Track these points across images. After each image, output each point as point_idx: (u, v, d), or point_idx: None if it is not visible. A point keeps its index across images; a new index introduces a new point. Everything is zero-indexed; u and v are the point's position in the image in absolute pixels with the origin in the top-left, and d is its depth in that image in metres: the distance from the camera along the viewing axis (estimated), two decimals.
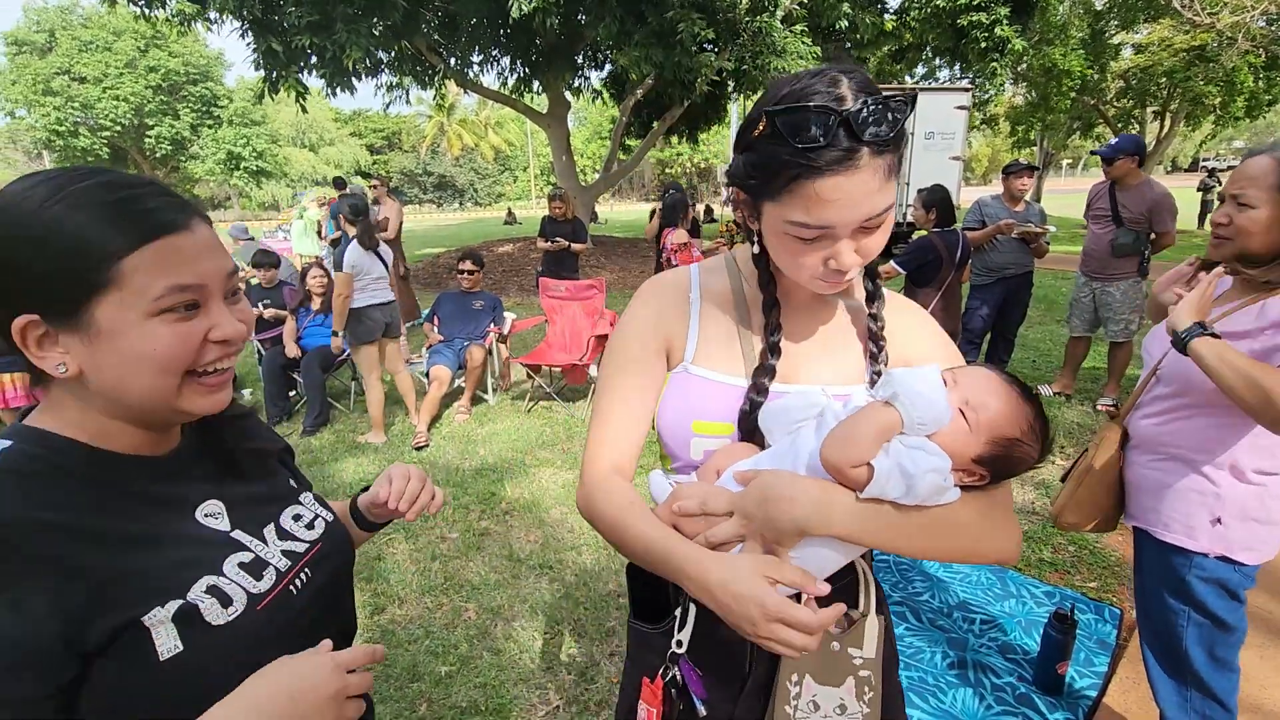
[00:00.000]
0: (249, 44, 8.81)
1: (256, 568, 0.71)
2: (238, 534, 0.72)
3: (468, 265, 4.99)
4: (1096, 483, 1.61)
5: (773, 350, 0.90)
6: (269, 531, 0.76)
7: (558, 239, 6.74)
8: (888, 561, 2.92)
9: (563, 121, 13.08)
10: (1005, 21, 12.47)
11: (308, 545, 0.78)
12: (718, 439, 0.90)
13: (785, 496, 0.77)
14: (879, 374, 0.90)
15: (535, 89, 12.83)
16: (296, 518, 0.80)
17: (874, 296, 0.94)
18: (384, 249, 4.60)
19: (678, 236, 6.04)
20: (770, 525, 0.78)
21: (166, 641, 0.61)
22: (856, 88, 0.74)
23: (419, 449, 4.37)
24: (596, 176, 16.26)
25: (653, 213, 7.32)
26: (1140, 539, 1.59)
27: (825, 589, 0.77)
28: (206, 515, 0.71)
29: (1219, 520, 1.43)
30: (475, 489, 3.76)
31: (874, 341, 0.92)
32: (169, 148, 32.95)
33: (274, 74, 9.10)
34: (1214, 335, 1.32)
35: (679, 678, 0.90)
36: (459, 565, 3.00)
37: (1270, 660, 2.27)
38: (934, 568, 2.88)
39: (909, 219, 11.36)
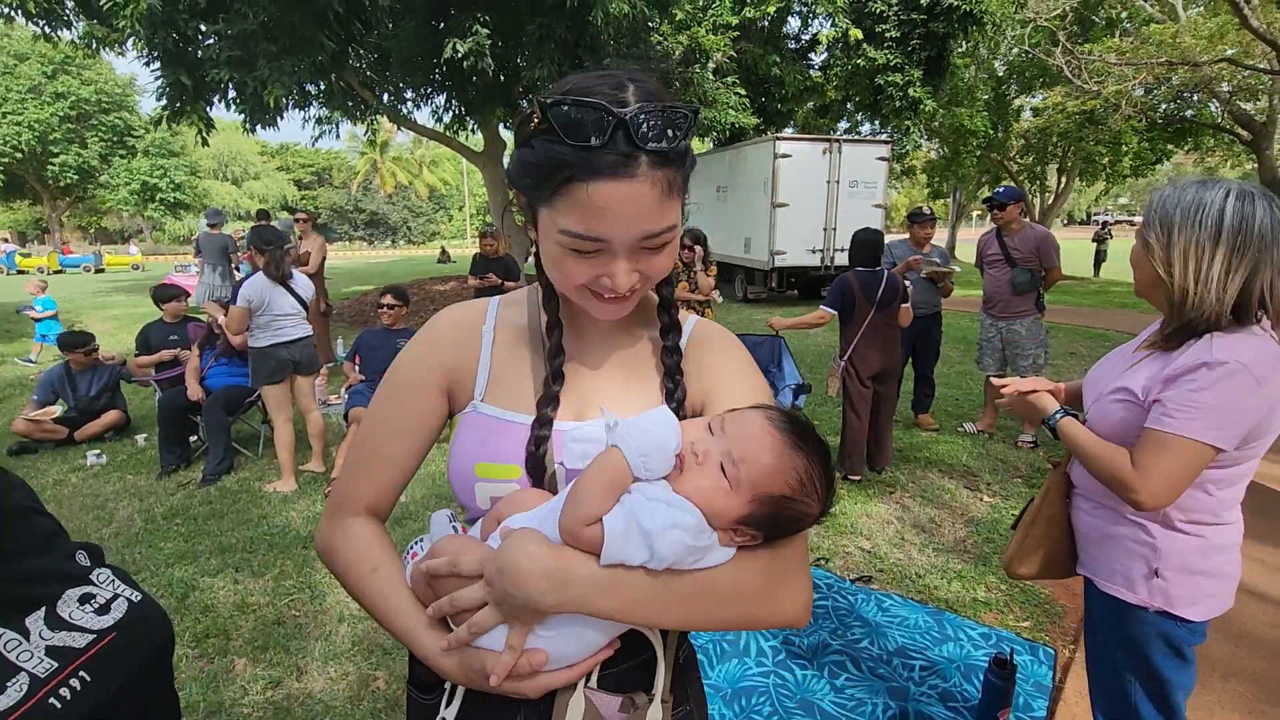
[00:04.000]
0: (154, 71, 8.37)
1: (1, 675, 0.53)
2: None
3: (389, 300, 4.76)
4: (1042, 533, 1.53)
5: (555, 376, 0.82)
6: (34, 620, 0.57)
7: (489, 276, 6.58)
8: (826, 607, 2.84)
9: (498, 160, 13.02)
10: (919, 83, 13.37)
11: (92, 638, 0.60)
12: (504, 483, 0.80)
13: (516, 569, 0.66)
14: (675, 412, 0.81)
15: (470, 127, 12.76)
16: (86, 599, 0.62)
17: (669, 329, 0.86)
18: (302, 283, 4.33)
19: None
20: (506, 600, 0.67)
21: None
22: (641, 93, 0.69)
23: None
24: None
25: None
26: (1088, 589, 1.52)
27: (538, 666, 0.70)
28: None
29: (1156, 572, 1.35)
30: (393, 540, 3.48)
31: (669, 376, 0.84)
32: (74, 177, 31.02)
33: (177, 105, 8.65)
34: (1075, 415, 1.42)
35: None
36: (369, 627, 2.73)
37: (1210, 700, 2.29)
38: (870, 611, 2.81)
39: (836, 263, 11.83)
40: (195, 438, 4.84)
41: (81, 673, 0.57)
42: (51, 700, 0.55)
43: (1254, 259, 1.20)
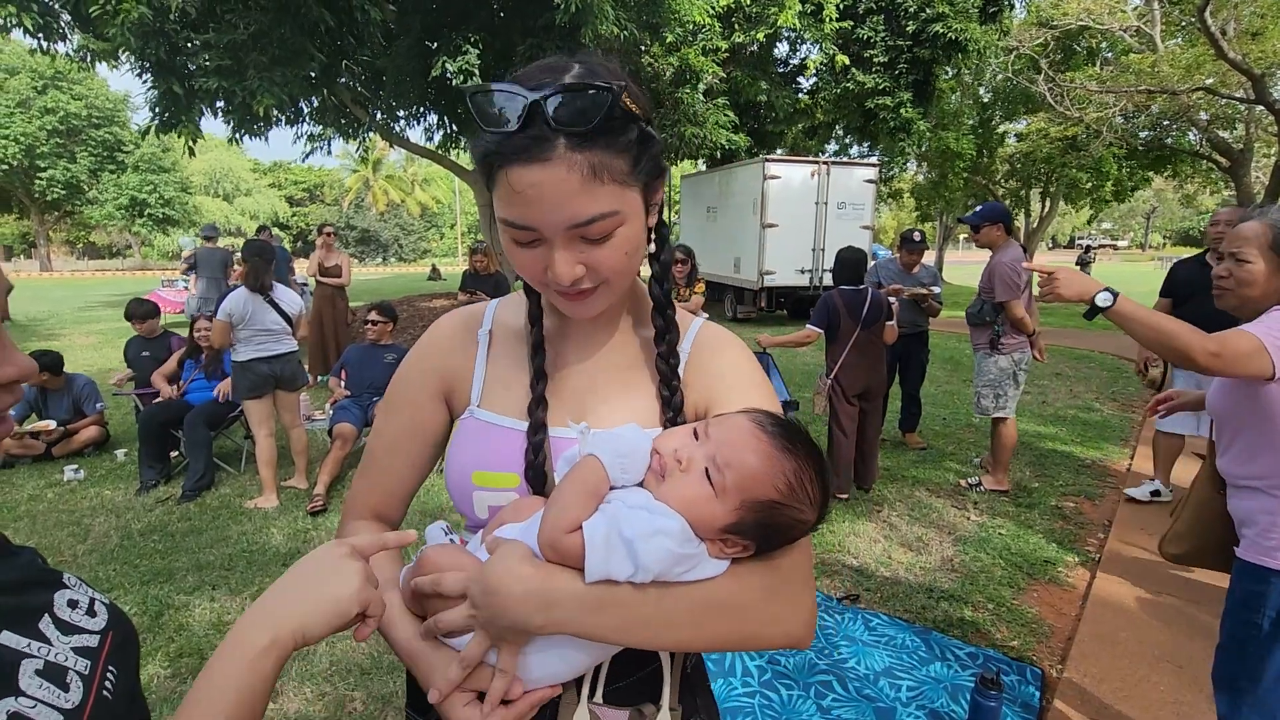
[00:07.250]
0: (145, 81, 8.39)
1: (56, 675, 0.53)
2: (6, 636, 0.53)
3: (374, 315, 4.74)
4: (1194, 516, 1.74)
5: (538, 377, 0.80)
6: (47, 626, 0.56)
7: (478, 293, 6.58)
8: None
9: None
10: (909, 104, 13.60)
11: (99, 638, 0.60)
12: (503, 492, 0.78)
13: (499, 589, 0.63)
14: (673, 419, 0.78)
15: (462, 145, 12.83)
16: (73, 604, 0.61)
17: (664, 332, 0.80)
18: (288, 298, 4.29)
19: None
20: (492, 623, 0.64)
21: None
22: (571, 74, 0.66)
23: (315, 514, 3.99)
24: None
25: None
26: (1235, 568, 1.63)
27: (528, 694, 0.67)
28: None
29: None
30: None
31: (665, 383, 0.80)
32: (61, 191, 30.86)
33: (168, 115, 8.66)
34: (1114, 293, 1.64)
35: None
36: (347, 647, 2.67)
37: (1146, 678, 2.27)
38: (857, 630, 2.79)
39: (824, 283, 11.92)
40: (176, 453, 4.77)
41: (110, 667, 0.59)
42: (104, 693, 0.57)
43: None
